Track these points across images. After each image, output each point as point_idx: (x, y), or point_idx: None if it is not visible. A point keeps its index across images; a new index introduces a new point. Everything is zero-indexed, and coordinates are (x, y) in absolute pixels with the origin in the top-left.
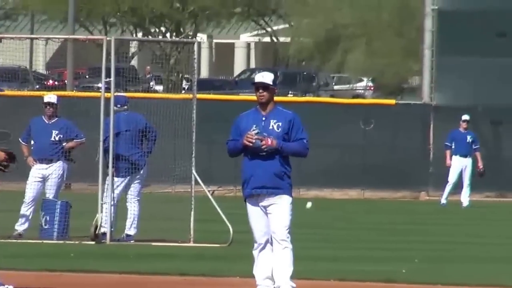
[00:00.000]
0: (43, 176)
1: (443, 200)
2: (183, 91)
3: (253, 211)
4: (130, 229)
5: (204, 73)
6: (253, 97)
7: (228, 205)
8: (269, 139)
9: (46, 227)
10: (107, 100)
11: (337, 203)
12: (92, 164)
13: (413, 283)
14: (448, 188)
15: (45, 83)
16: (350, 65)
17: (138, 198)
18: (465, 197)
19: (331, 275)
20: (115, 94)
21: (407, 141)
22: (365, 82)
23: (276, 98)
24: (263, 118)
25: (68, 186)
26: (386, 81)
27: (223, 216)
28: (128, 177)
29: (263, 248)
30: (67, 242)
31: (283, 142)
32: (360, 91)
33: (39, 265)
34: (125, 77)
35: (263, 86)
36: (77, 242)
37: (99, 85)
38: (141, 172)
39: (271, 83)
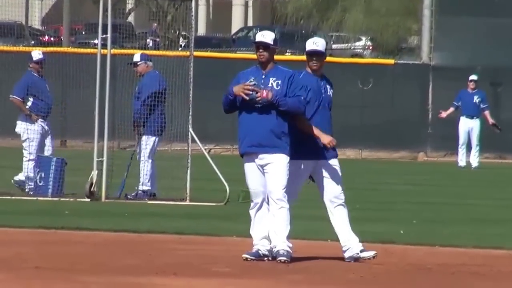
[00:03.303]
0: (45, 133)
1: (461, 163)
2: (180, 49)
3: (249, 169)
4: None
5: (202, 31)
6: (250, 55)
7: (224, 164)
8: (264, 91)
9: (41, 184)
10: (104, 56)
11: None
12: (88, 121)
13: (411, 244)
14: (461, 150)
15: (41, 39)
16: (349, 24)
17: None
18: (474, 158)
19: (328, 235)
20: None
21: (406, 101)
22: (363, 42)
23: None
24: (263, 76)
25: (63, 143)
26: (385, 40)
27: (220, 175)
28: (160, 136)
29: (260, 207)
30: (62, 199)
31: (280, 96)
32: (358, 50)
33: (34, 222)
34: (122, 33)
35: (264, 45)
36: (72, 199)
37: (96, 41)
38: None
39: (271, 43)
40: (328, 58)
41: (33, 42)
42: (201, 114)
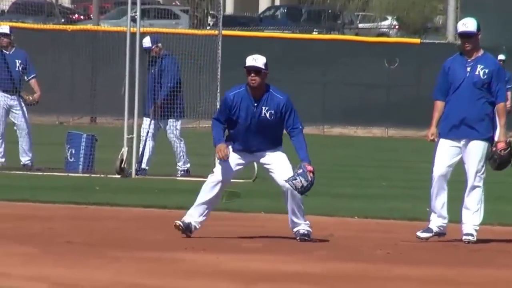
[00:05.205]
0: (9, 107)
1: None
2: (208, 27)
3: (233, 156)
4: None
5: (229, 10)
6: (277, 34)
7: None
8: (307, 173)
9: (71, 160)
10: (133, 34)
11: (360, 140)
12: (118, 98)
13: None
14: None
15: (71, 17)
16: (375, 4)
17: None
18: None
19: (354, 213)
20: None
21: (431, 80)
22: (389, 21)
23: (300, 36)
24: (255, 104)
25: (93, 120)
26: (411, 20)
27: None
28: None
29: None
30: (92, 175)
31: (304, 156)
32: (384, 29)
33: (65, 198)
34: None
35: (255, 70)
36: (102, 175)
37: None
38: None
39: (263, 67)
40: (354, 37)
41: (63, 20)
42: None
